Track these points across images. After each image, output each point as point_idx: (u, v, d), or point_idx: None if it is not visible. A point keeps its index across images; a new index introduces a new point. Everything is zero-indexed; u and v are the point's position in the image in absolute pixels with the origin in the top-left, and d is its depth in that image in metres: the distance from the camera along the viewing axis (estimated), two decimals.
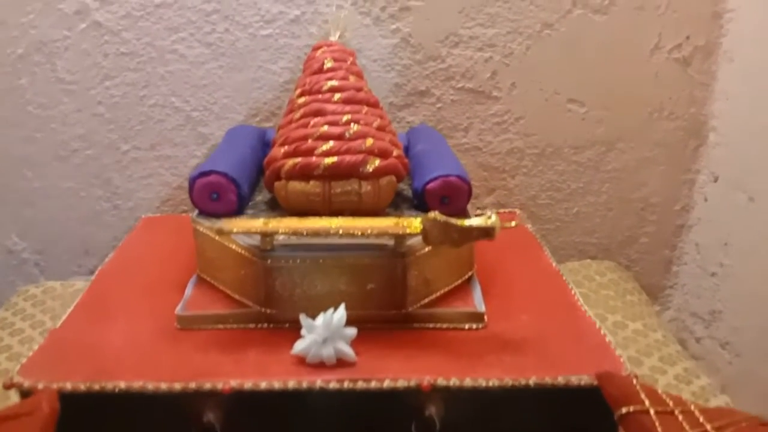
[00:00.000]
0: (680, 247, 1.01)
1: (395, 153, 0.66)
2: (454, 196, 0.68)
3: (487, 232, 0.57)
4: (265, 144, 0.81)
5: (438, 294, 0.64)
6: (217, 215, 0.67)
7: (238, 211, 0.67)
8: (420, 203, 0.69)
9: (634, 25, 0.88)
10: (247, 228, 0.57)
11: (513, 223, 0.59)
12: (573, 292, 0.69)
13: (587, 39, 0.88)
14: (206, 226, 0.65)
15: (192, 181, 0.66)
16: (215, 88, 0.88)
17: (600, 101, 0.92)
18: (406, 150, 0.81)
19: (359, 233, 0.57)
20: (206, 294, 0.65)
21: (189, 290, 0.66)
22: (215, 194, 0.66)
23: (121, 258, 0.76)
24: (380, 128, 0.66)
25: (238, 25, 0.85)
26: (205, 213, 0.67)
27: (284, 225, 0.58)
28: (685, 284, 1.01)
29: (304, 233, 0.57)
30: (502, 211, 0.93)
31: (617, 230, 0.99)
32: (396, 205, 0.69)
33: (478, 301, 0.64)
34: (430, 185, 0.67)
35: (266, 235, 0.58)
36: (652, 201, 0.98)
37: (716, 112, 0.92)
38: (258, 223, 0.58)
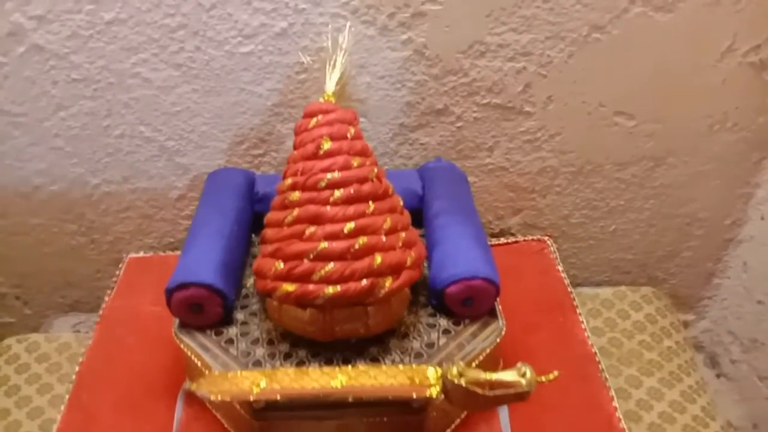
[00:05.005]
0: (725, 260, 0.90)
1: (409, 261, 0.54)
2: (478, 299, 0.58)
3: (520, 396, 0.48)
4: (255, 199, 0.69)
5: (460, 419, 0.57)
6: (201, 327, 0.58)
7: (224, 320, 0.58)
8: (439, 303, 0.59)
9: (705, 24, 0.70)
10: (235, 395, 0.48)
11: (552, 376, 0.49)
12: (611, 395, 0.61)
13: (644, 42, 0.71)
14: (189, 346, 0.56)
15: (168, 294, 0.56)
16: (191, 114, 0.73)
17: (652, 113, 0.76)
18: (420, 199, 0.69)
19: (370, 397, 0.48)
20: (198, 420, 0.58)
21: (178, 413, 0.59)
22: (197, 306, 0.56)
23: (104, 340, 0.68)
24: (391, 230, 0.54)
25: (212, 41, 0.68)
26: (187, 325, 0.58)
27: (280, 388, 0.48)
28: (726, 299, 0.92)
29: (305, 398, 0.48)
30: (529, 238, 0.82)
31: (657, 246, 0.89)
32: (412, 300, 0.59)
33: (504, 425, 0.57)
34: (451, 289, 0.57)
35: (259, 401, 0.49)
36: (700, 216, 0.86)
37: None
38: (246, 385, 0.49)
